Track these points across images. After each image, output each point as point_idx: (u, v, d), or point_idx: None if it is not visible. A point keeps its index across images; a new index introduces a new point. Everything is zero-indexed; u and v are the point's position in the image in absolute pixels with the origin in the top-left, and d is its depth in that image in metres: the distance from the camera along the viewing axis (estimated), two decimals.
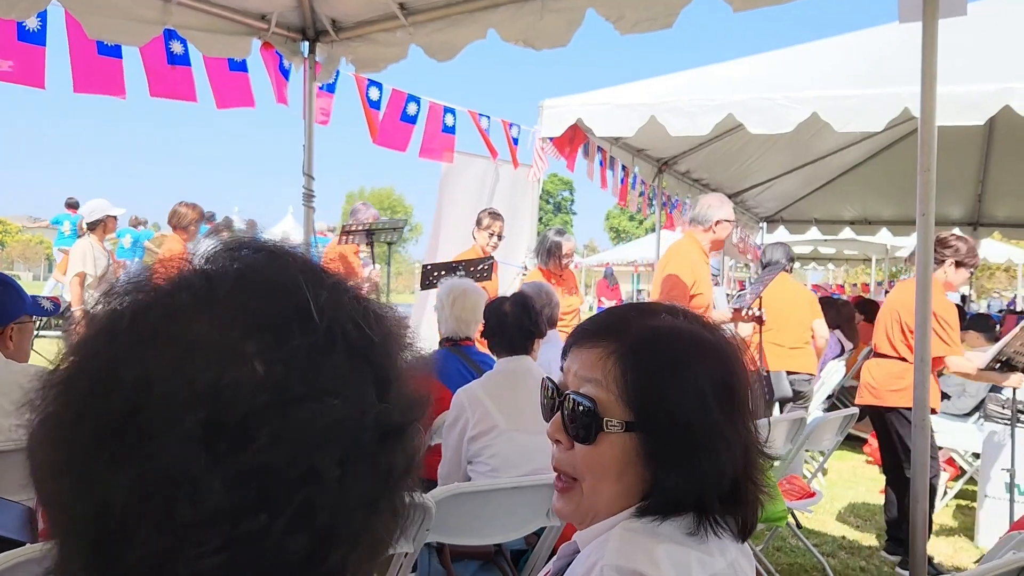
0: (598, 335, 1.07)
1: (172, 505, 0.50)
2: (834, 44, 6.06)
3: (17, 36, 3.71)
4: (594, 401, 1.02)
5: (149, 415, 0.50)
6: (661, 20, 3.21)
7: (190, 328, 0.53)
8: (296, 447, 0.52)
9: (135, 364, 0.52)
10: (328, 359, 0.55)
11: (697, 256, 4.76)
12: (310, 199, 4.60)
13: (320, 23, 4.27)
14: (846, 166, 8.88)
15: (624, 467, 1.01)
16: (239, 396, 0.51)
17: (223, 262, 0.59)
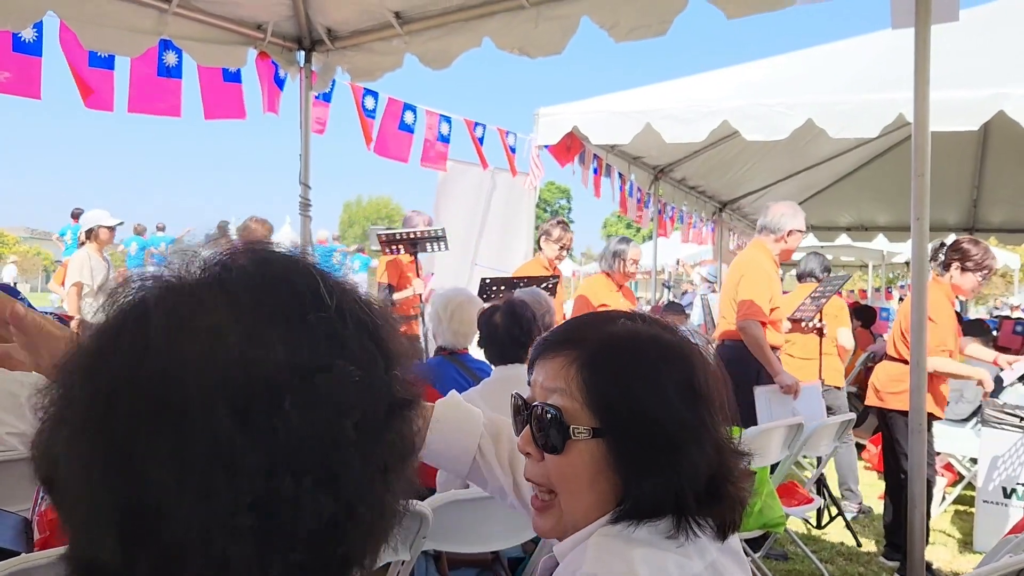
0: (559, 345, 1.08)
1: (209, 477, 0.53)
2: (828, 51, 6.08)
3: (12, 47, 3.71)
4: (559, 410, 1.02)
5: (183, 396, 0.54)
6: (655, 27, 3.22)
7: (215, 317, 0.57)
8: (318, 412, 0.56)
9: (166, 351, 0.55)
10: (343, 335, 0.60)
11: (770, 267, 4.69)
12: (307, 208, 4.60)
13: (316, 32, 4.28)
14: (841, 172, 8.91)
15: (595, 474, 1.01)
16: (264, 372, 0.55)
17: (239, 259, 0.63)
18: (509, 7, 3.61)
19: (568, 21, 3.47)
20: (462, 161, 7.00)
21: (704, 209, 8.79)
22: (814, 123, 4.63)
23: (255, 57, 4.37)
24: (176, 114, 4.28)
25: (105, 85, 4.04)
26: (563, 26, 3.50)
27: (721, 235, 9.47)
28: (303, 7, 4.10)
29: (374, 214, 63.44)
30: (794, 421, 3.52)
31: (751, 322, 4.47)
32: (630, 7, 3.27)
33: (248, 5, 4.04)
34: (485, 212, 7.57)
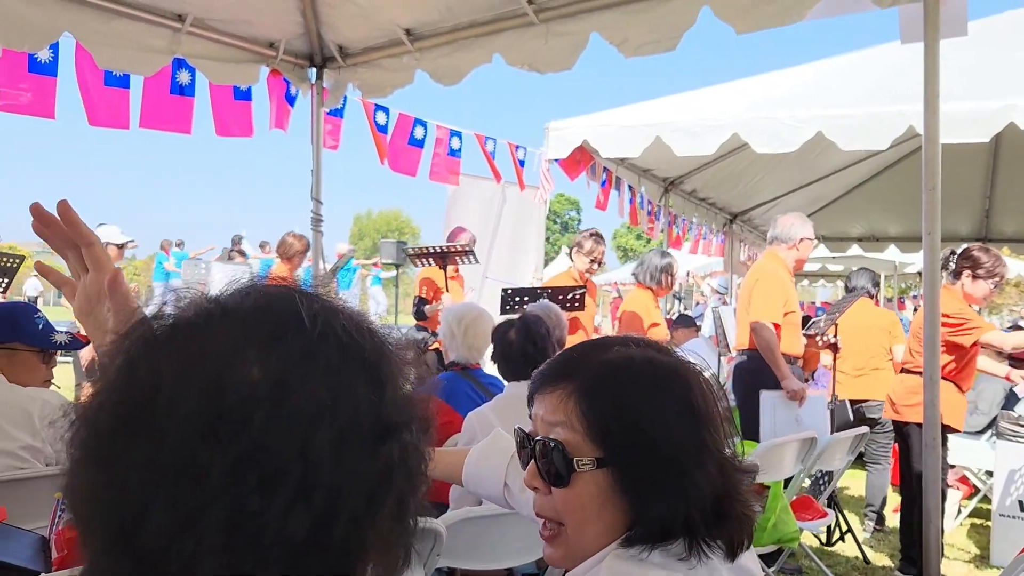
0: (556, 378, 1.08)
1: (178, 486, 0.55)
2: (837, 63, 6.08)
3: (28, 68, 3.76)
4: (562, 443, 1.02)
5: (158, 407, 0.57)
6: (665, 43, 3.24)
7: (198, 339, 0.61)
8: (290, 428, 0.57)
9: (149, 364, 0.59)
10: (320, 353, 0.61)
11: (785, 275, 4.74)
12: (318, 223, 4.63)
13: (327, 49, 4.32)
14: (852, 183, 8.88)
15: (602, 504, 1.01)
16: (237, 391, 0.57)
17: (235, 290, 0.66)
18: (519, 24, 3.63)
19: (577, 37, 3.49)
20: (472, 175, 7.03)
21: (715, 221, 8.78)
22: (824, 136, 4.63)
23: (267, 75, 4.42)
24: (187, 131, 4.32)
25: (120, 103, 4.09)
26: (572, 42, 3.52)
27: (732, 246, 9.46)
28: (315, 25, 4.14)
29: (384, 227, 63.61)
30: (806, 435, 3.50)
31: (762, 323, 4.50)
32: (639, 23, 3.29)
33: (260, 23, 4.08)
34: (496, 225, 7.59)
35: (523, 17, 3.59)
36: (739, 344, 4.85)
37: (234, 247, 13.19)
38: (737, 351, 4.92)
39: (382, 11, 3.92)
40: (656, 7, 3.23)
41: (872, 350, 5.53)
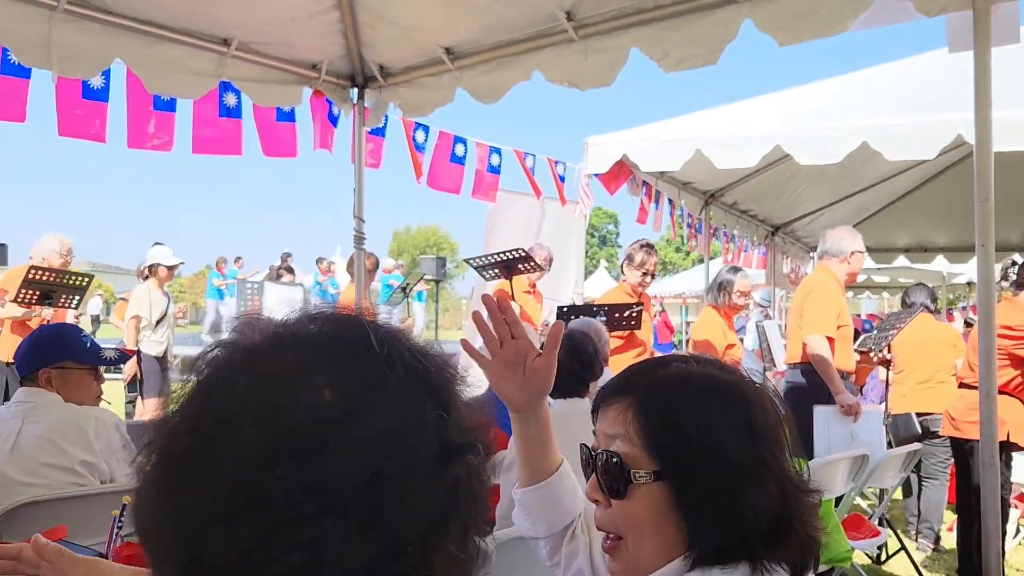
0: (617, 392, 1.10)
1: (251, 511, 0.56)
2: (882, 72, 6.00)
3: (82, 94, 3.87)
4: (620, 456, 1.04)
5: (232, 433, 0.57)
6: (705, 57, 3.22)
7: (270, 365, 0.62)
8: (360, 454, 0.57)
9: (223, 390, 0.60)
10: (389, 379, 0.62)
11: (837, 288, 4.69)
12: (361, 241, 4.68)
13: (368, 70, 4.38)
14: (898, 193, 8.73)
15: (659, 517, 1.02)
16: (308, 417, 0.58)
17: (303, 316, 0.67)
18: (558, 40, 3.65)
19: (617, 53, 3.49)
20: (512, 191, 7.05)
21: (756, 233, 8.69)
22: (869, 146, 4.56)
23: (309, 96, 4.49)
24: (238, 152, 4.41)
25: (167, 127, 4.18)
26: (612, 58, 3.52)
27: (774, 259, 9.35)
28: (356, 46, 4.20)
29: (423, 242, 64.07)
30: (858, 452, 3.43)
31: (816, 336, 4.44)
32: (679, 38, 3.28)
33: (303, 46, 4.16)
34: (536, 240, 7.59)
35: (562, 34, 3.61)
36: (790, 358, 4.79)
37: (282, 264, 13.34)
38: (787, 365, 4.84)
39: (422, 31, 3.96)
40: (696, 21, 3.22)
41: (937, 363, 5.40)
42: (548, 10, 3.56)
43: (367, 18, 3.99)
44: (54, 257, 6.26)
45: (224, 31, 3.86)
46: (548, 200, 7.31)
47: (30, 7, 3.22)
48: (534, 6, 3.57)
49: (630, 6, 3.37)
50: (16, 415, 2.46)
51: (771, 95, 6.10)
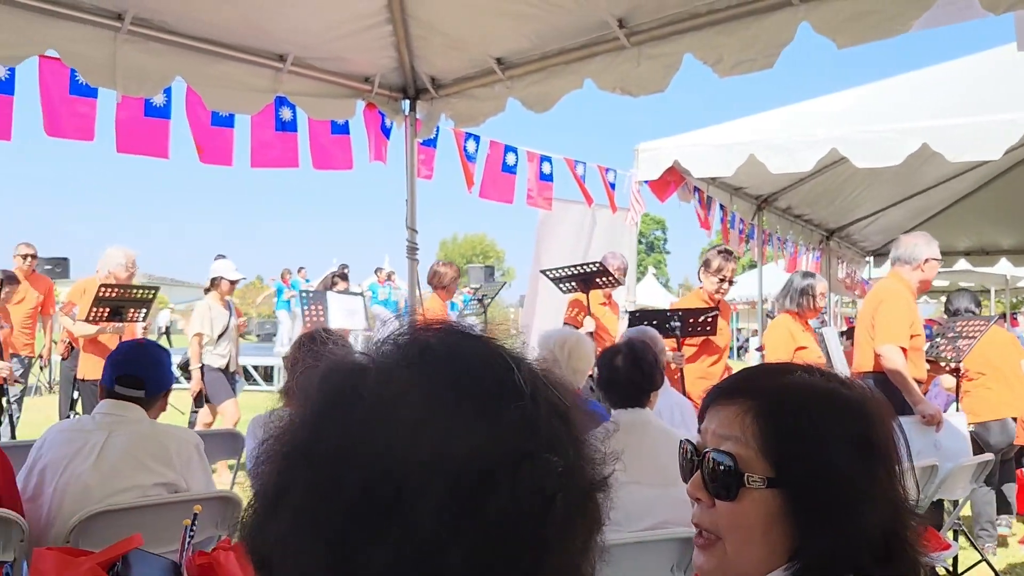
0: (734, 393, 1.08)
1: (426, 568, 0.54)
2: (943, 70, 5.86)
3: (144, 112, 3.98)
4: (734, 457, 1.02)
5: (395, 487, 0.54)
6: (761, 61, 3.18)
7: (413, 404, 0.58)
8: (524, 501, 0.55)
9: (371, 441, 0.56)
10: (539, 420, 0.59)
11: (909, 296, 4.58)
12: (414, 252, 4.71)
13: (420, 81, 4.42)
14: (959, 194, 8.52)
15: (769, 525, 1.00)
16: (476, 462, 0.55)
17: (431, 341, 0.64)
18: (610, 48, 3.64)
19: (670, 59, 3.46)
20: (563, 199, 7.05)
21: (810, 238, 8.55)
22: (929, 147, 4.45)
23: (363, 108, 4.55)
24: (295, 165, 4.49)
25: (225, 142, 4.28)
26: (665, 64, 3.49)
27: (829, 264, 9.18)
28: (408, 58, 4.24)
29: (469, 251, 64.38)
30: (928, 462, 3.34)
31: (890, 346, 4.34)
32: (734, 41, 3.24)
33: (356, 60, 4.22)
34: (587, 248, 7.57)
35: (614, 41, 3.59)
36: (858, 367, 4.66)
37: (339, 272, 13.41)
38: (858, 374, 4.72)
39: (473, 42, 3.99)
40: (752, 24, 3.18)
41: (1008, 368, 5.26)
42: (599, 18, 3.55)
43: (419, 30, 4.03)
44: (120, 270, 6.36)
45: (279, 47, 3.94)
46: (599, 207, 7.29)
47: (95, 29, 3.32)
48: (585, 14, 3.57)
49: (683, 11, 3.34)
50: (102, 427, 2.52)
51: (825, 97, 6.00)
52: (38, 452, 2.48)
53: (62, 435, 2.50)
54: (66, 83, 3.60)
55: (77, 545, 2.21)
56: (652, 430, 2.69)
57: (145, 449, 2.51)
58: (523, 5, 3.58)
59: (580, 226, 7.64)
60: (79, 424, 2.57)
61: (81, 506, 2.28)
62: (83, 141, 3.64)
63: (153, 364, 2.70)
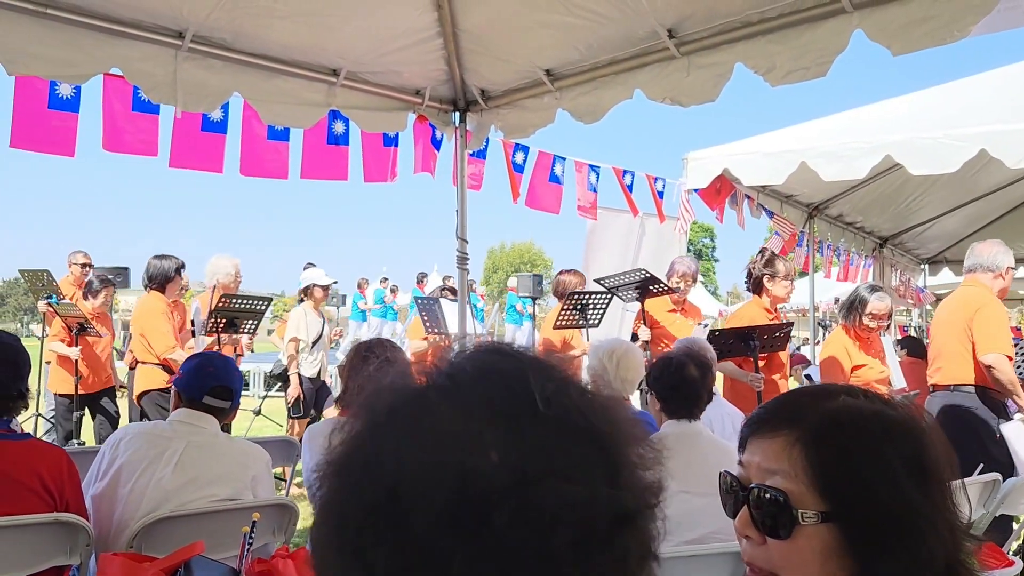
0: (776, 424, 1.03)
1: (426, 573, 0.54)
2: (999, 75, 5.71)
3: (201, 127, 4.09)
4: (785, 493, 0.98)
5: (404, 497, 0.56)
6: (814, 69, 3.14)
7: (438, 420, 0.59)
8: (531, 528, 0.54)
9: (393, 452, 0.58)
10: (558, 444, 0.58)
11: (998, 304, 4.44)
12: (464, 262, 4.75)
13: (470, 94, 4.47)
14: (1017, 200, 8.29)
15: (825, 561, 0.96)
16: (481, 479, 0.55)
17: (463, 362, 0.65)
18: (660, 58, 3.64)
19: (721, 68, 3.45)
20: (611, 208, 7.03)
21: (862, 246, 8.40)
22: (987, 153, 4.35)
23: (413, 121, 4.61)
24: (344, 178, 4.58)
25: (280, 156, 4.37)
26: (716, 73, 3.48)
27: (882, 272, 9.00)
28: (458, 71, 4.29)
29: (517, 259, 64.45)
30: (989, 477, 3.26)
31: (997, 355, 4.20)
32: (786, 50, 3.21)
33: (407, 73, 4.28)
34: (635, 258, 7.54)
35: (664, 51, 3.59)
36: (946, 378, 4.47)
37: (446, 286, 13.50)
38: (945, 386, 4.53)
39: (523, 54, 4.02)
40: (804, 33, 3.16)
41: None
42: (649, 28, 3.55)
43: (469, 44, 4.08)
44: (228, 279, 6.28)
45: (333, 62, 4.02)
46: (647, 217, 7.26)
47: (157, 47, 3.43)
48: (634, 25, 3.57)
49: (735, 20, 3.32)
50: (180, 434, 2.59)
51: (878, 104, 5.90)
52: (113, 452, 2.54)
53: (141, 437, 2.56)
54: (129, 100, 3.72)
55: (140, 550, 2.27)
56: (703, 441, 2.67)
57: (222, 462, 2.57)
58: (572, 17, 3.59)
59: (628, 235, 7.61)
60: (157, 429, 2.64)
61: (158, 509, 2.35)
62: (146, 156, 3.75)
63: (239, 378, 2.80)
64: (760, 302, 5.20)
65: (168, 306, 5.88)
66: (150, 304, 5.88)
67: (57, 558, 2.24)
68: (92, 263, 7.98)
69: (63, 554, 2.24)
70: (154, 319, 5.75)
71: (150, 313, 5.81)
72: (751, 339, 4.51)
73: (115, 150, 3.70)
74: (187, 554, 1.99)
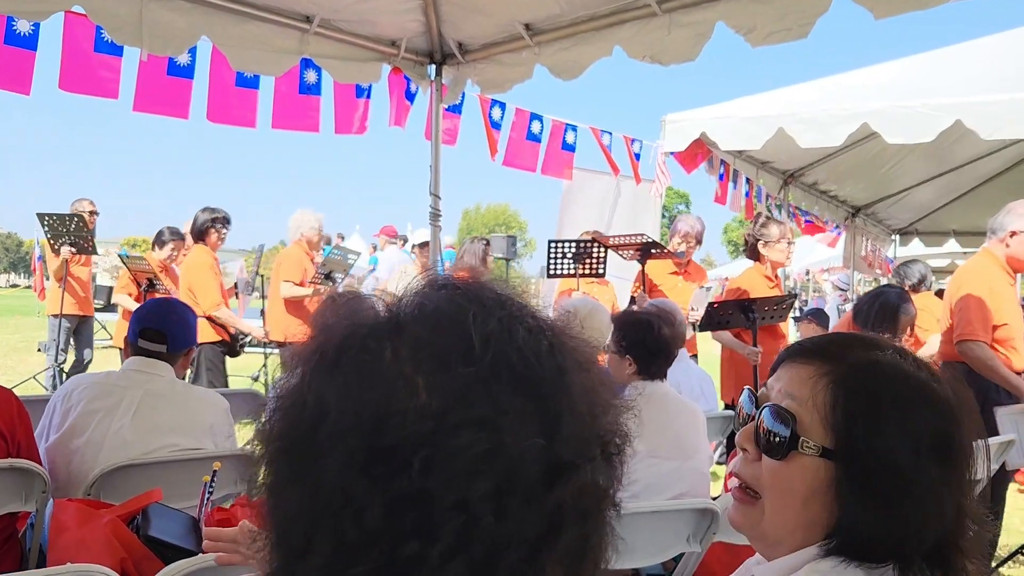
0: (814, 355, 1.03)
1: (338, 522, 0.53)
2: (980, 45, 5.71)
3: (167, 71, 3.97)
4: (794, 417, 0.98)
5: (321, 437, 0.55)
6: (796, 30, 3.11)
7: (368, 358, 0.57)
8: (449, 475, 0.53)
9: (316, 390, 0.57)
10: (487, 390, 0.55)
11: (995, 276, 4.12)
12: (437, 218, 4.70)
13: (447, 46, 4.38)
14: (990, 173, 8.35)
15: (812, 493, 0.97)
16: (401, 424, 0.54)
17: (411, 299, 0.62)
18: (640, 15, 3.58)
19: (702, 27, 3.40)
20: (588, 169, 6.99)
21: (835, 214, 8.44)
22: (963, 124, 4.35)
23: (388, 73, 4.52)
24: (315, 129, 4.48)
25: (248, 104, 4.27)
26: (696, 32, 3.43)
27: (854, 241, 9.07)
28: (436, 23, 4.20)
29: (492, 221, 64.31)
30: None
31: (968, 344, 3.99)
32: (768, 10, 3.17)
33: (383, 23, 4.18)
34: (610, 220, 7.53)
35: (645, 8, 3.53)
36: (942, 353, 4.31)
37: None
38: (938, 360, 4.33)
39: (502, 7, 3.93)
40: None
41: None
42: None
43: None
44: (313, 233, 6.42)
45: (305, 8, 3.90)
46: (623, 179, 7.23)
47: None
48: None
49: None
50: (135, 383, 2.53)
51: (857, 71, 5.87)
52: (66, 403, 2.49)
53: (94, 387, 2.51)
54: (91, 40, 3.60)
55: (98, 498, 2.24)
56: (670, 402, 2.68)
57: (181, 411, 2.53)
58: None
59: (604, 197, 7.59)
60: (110, 379, 2.59)
61: (118, 459, 2.31)
62: (106, 98, 3.63)
63: (176, 320, 2.71)
64: (760, 269, 5.14)
65: (215, 259, 5.90)
66: (197, 258, 5.88)
67: (12, 504, 2.20)
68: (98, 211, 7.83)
69: (18, 500, 2.20)
70: (201, 272, 5.74)
71: (197, 267, 5.80)
72: (750, 311, 4.42)
73: (72, 90, 3.58)
74: (144, 501, 1.96)
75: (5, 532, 2.29)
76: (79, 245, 6.67)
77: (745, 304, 4.50)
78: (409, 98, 4.86)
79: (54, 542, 1.92)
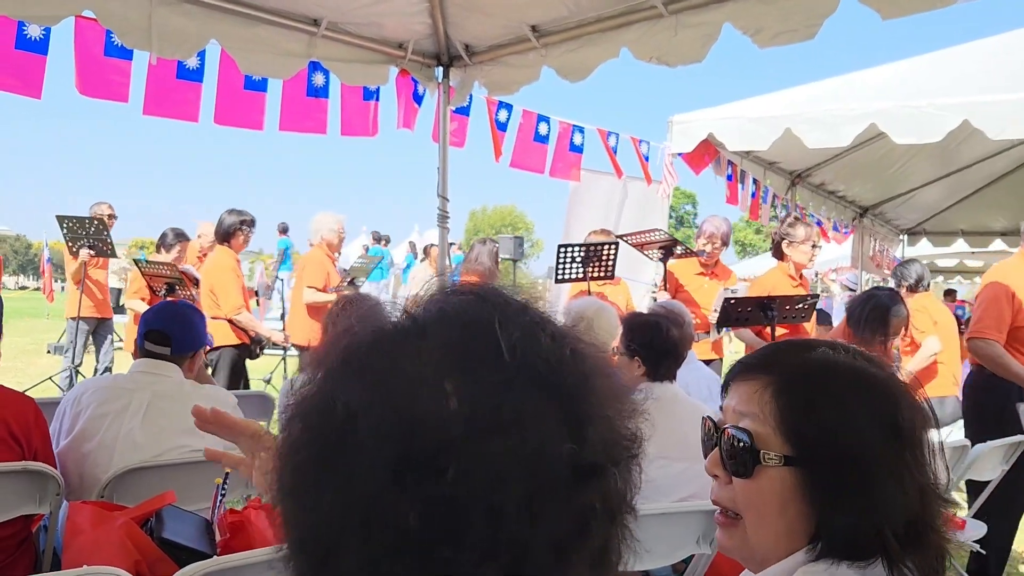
0: (754, 369, 1.07)
1: (367, 529, 0.53)
2: (988, 45, 5.70)
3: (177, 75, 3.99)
4: (750, 434, 1.01)
5: (352, 443, 0.54)
6: (803, 32, 3.11)
7: (394, 363, 0.57)
8: (481, 481, 0.53)
9: (344, 395, 0.56)
10: (515, 396, 0.56)
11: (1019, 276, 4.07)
12: (444, 220, 4.71)
13: (454, 48, 4.39)
14: (997, 173, 8.32)
15: (785, 503, 0.99)
16: (432, 429, 0.54)
17: (431, 304, 0.62)
18: (647, 16, 3.58)
19: (709, 28, 3.41)
20: (594, 170, 6.99)
21: (843, 214, 8.42)
22: (971, 124, 4.34)
23: (395, 75, 4.53)
24: (322, 131, 4.49)
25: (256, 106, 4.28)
26: (703, 34, 3.43)
27: (861, 241, 9.05)
28: (442, 25, 4.20)
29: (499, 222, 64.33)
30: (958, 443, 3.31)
31: (978, 342, 3.98)
32: (775, 11, 3.17)
33: (391, 25, 4.19)
34: (617, 220, 7.53)
35: (652, 10, 3.54)
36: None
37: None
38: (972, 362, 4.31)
39: (509, 8, 3.94)
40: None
41: None
42: None
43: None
44: (332, 236, 6.32)
45: (313, 11, 3.92)
46: (631, 180, 7.23)
47: None
48: None
49: None
50: (143, 385, 2.54)
51: (864, 71, 5.87)
52: (76, 407, 2.50)
53: (103, 391, 2.52)
54: (101, 45, 3.62)
55: (112, 500, 2.26)
56: (679, 404, 2.69)
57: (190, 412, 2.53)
58: None
59: (610, 198, 7.59)
60: (118, 381, 2.60)
61: (129, 462, 2.32)
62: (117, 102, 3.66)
63: (180, 322, 2.72)
64: (784, 268, 5.12)
65: (237, 262, 5.88)
66: (220, 260, 5.85)
67: (27, 507, 2.22)
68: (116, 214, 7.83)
69: (32, 503, 2.22)
70: (224, 275, 5.72)
71: (220, 269, 5.78)
72: (770, 309, 4.38)
73: (89, 94, 3.61)
74: (158, 503, 1.97)
75: (20, 535, 2.31)
76: (98, 248, 6.71)
77: (765, 301, 4.45)
78: (417, 100, 4.87)
79: (69, 544, 1.94)
